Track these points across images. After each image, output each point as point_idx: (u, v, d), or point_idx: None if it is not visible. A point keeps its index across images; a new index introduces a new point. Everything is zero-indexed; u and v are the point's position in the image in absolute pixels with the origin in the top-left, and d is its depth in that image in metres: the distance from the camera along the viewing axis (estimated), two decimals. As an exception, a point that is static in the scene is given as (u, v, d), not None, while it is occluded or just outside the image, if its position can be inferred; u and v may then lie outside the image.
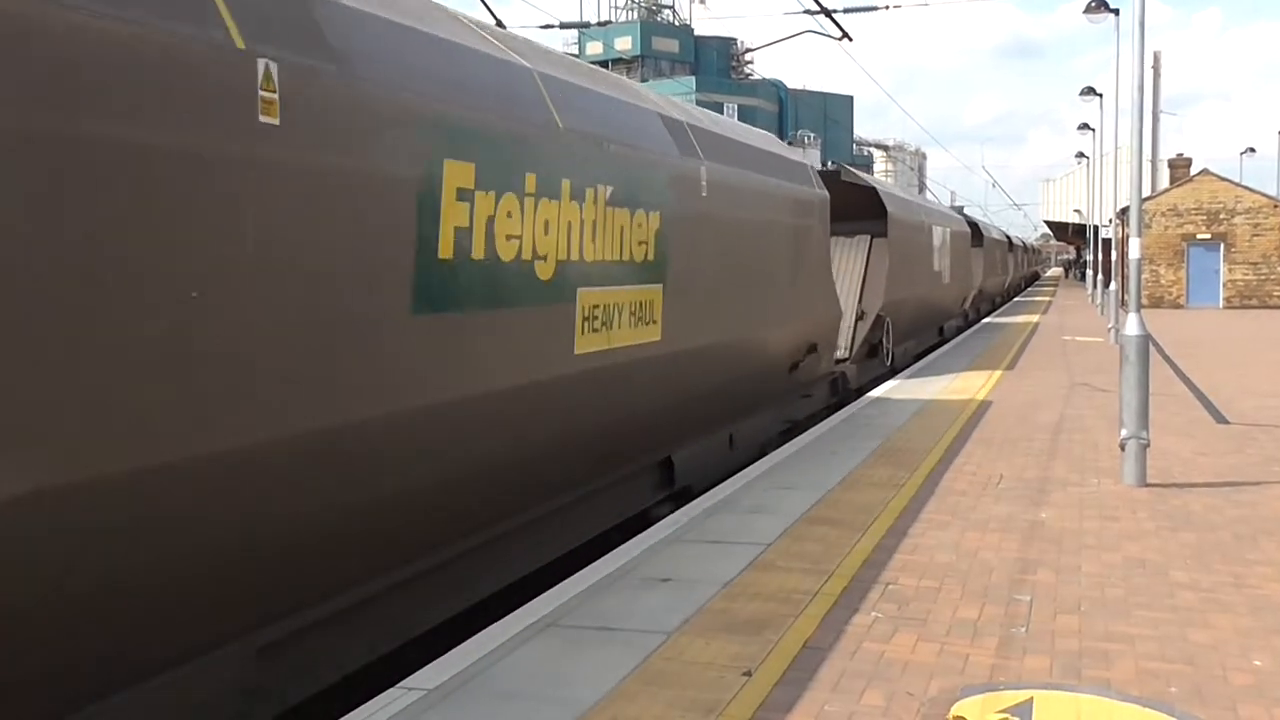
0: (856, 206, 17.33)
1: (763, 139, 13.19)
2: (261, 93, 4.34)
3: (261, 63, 4.35)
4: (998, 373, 17.63)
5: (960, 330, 29.50)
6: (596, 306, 7.36)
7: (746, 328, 10.63)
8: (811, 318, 13.06)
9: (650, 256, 8.17)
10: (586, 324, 7.22)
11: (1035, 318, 33.69)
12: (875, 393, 14.95)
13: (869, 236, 17.58)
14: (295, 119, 4.52)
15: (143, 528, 3.91)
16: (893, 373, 18.15)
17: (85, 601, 3.76)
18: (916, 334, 21.75)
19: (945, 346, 23.22)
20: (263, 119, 4.35)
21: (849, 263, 17.25)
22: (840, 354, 15.62)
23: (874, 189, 17.61)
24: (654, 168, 8.40)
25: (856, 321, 16.50)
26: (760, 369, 11.36)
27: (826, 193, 14.07)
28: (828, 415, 13.56)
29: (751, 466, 9.80)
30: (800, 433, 12.26)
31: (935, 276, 23.47)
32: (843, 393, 15.49)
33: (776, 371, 12.07)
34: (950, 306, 27.68)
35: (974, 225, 35.83)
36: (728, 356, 10.10)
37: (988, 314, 38.42)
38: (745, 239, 10.52)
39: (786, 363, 12.40)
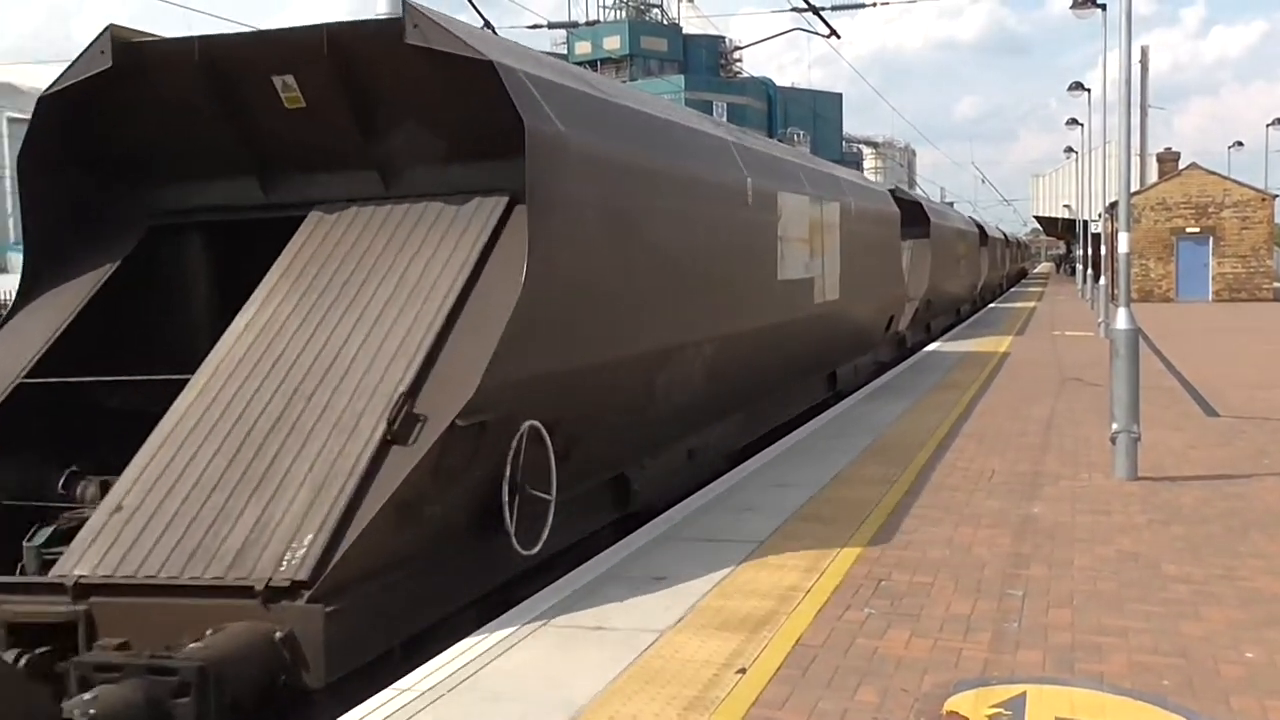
0: (466, 134, 6.62)
1: None
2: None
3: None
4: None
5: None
6: None
7: None
8: None
9: None
10: None
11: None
12: None
13: (504, 199, 6.52)
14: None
15: None
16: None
17: None
18: (743, 406, 11.08)
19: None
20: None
21: (420, 282, 6.18)
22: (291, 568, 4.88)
23: (496, 75, 6.05)
24: None
25: (373, 456, 5.27)
26: None
27: None
28: None
29: None
30: None
31: (796, 290, 12.11)
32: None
33: None
34: (861, 334, 16.87)
35: (914, 206, 24.86)
36: None
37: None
38: None
39: None
